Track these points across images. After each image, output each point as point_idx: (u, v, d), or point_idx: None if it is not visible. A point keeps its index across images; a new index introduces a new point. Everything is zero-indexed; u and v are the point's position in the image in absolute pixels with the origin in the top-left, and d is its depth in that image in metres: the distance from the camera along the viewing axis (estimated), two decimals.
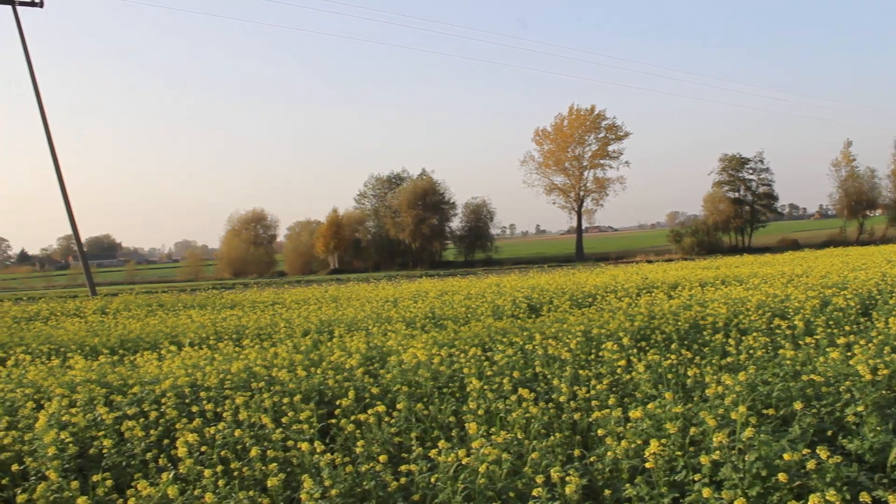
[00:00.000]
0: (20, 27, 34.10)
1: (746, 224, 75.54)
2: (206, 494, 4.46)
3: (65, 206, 34.42)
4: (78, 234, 36.15)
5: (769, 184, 75.91)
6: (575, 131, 77.65)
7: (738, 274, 18.85)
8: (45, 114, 34.18)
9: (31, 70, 34.17)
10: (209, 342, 10.18)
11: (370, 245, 79.89)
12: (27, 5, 34.56)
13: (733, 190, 76.07)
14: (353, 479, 4.83)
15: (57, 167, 34.10)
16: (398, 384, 6.93)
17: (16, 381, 7.45)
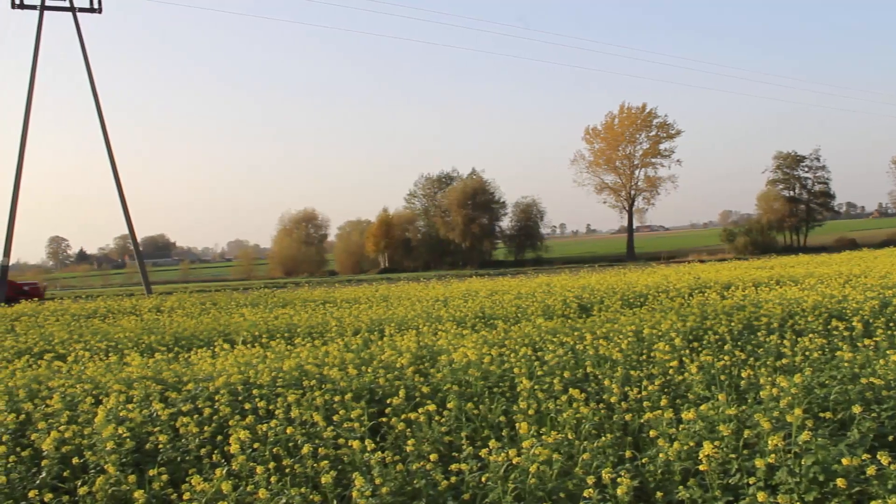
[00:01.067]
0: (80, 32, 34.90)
1: (802, 223, 74.20)
2: (260, 490, 4.51)
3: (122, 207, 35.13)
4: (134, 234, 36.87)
5: (825, 182, 74.50)
6: (626, 130, 76.99)
7: (793, 274, 18.52)
8: (103, 116, 34.95)
9: (90, 74, 34.94)
10: (261, 340, 10.30)
11: (420, 244, 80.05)
12: (86, 11, 35.35)
13: (788, 188, 74.78)
14: (403, 478, 4.85)
15: (114, 169, 34.81)
16: (448, 383, 6.94)
17: (75, 378, 7.61)
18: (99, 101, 35.00)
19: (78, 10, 35.00)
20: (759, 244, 69.85)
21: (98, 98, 35.01)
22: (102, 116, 34.97)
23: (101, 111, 34.96)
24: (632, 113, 76.82)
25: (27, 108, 33.47)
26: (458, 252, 78.02)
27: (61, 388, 7.14)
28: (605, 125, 78.71)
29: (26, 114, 33.41)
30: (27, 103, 33.48)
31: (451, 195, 78.25)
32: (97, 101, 35.03)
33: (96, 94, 34.96)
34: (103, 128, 34.91)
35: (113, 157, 34.92)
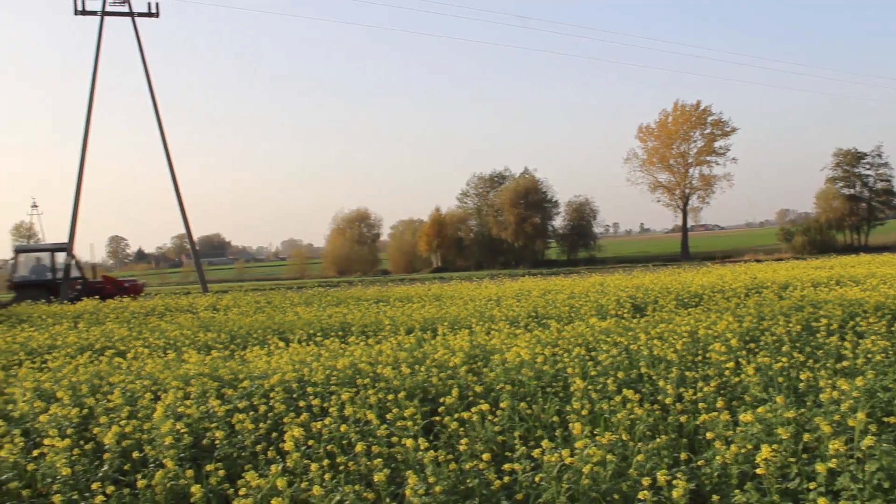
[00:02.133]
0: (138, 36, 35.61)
1: (863, 222, 72.41)
2: (314, 487, 4.55)
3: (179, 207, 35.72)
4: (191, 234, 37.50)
5: (888, 179, 72.58)
6: (680, 127, 75.95)
7: (853, 274, 18.09)
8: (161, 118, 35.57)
9: (148, 77, 35.69)
10: (315, 338, 10.38)
11: (472, 244, 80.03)
12: (144, 15, 36.06)
13: (848, 186, 73.01)
14: (456, 477, 4.86)
15: (171, 169, 35.45)
16: (501, 383, 6.93)
17: (135, 374, 7.77)
18: (157, 102, 35.70)
19: (136, 15, 35.72)
20: (818, 243, 68.31)
21: (156, 100, 35.71)
22: (160, 118, 35.65)
23: (159, 113, 35.65)
24: (686, 110, 75.78)
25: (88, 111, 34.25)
26: (511, 251, 77.82)
27: (122, 383, 7.29)
28: (659, 123, 77.76)
29: (87, 116, 34.19)
30: (88, 106, 34.26)
31: (504, 194, 78.07)
32: (155, 102, 35.73)
33: (154, 96, 35.67)
34: (161, 129, 35.57)
35: (170, 157, 35.58)
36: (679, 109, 76.18)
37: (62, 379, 7.58)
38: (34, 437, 5.95)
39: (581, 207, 79.80)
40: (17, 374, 8.15)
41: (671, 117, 76.61)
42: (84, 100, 34.45)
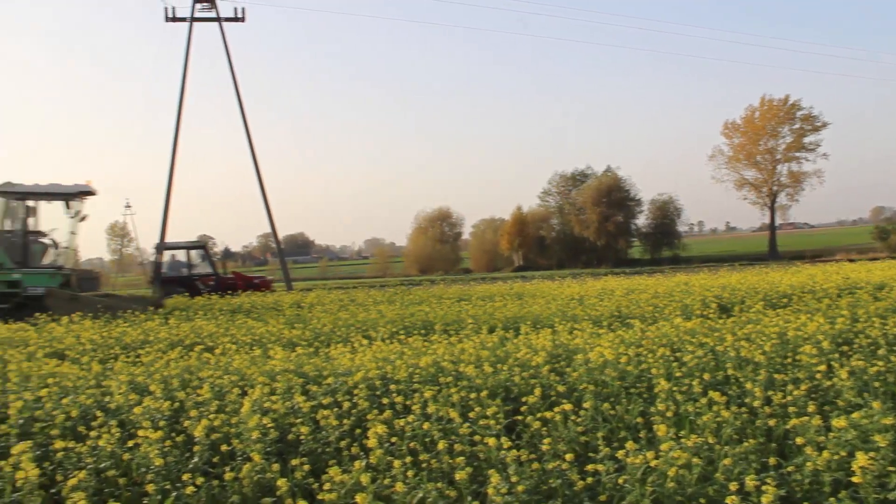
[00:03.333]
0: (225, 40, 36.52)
1: None
2: (397, 484, 4.59)
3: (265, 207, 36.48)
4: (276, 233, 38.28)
5: None
6: (767, 123, 74.00)
7: None
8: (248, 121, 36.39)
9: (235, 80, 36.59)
10: (398, 336, 10.46)
11: (554, 242, 79.65)
12: (231, 20, 36.99)
13: None
14: (538, 477, 4.83)
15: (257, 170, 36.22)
16: (584, 383, 6.87)
17: (223, 369, 7.96)
18: (243, 104, 36.53)
19: (223, 20, 36.66)
20: None
21: (242, 102, 36.55)
22: (246, 119, 36.47)
23: (245, 114, 36.47)
24: (773, 105, 73.85)
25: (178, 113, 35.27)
26: (593, 250, 77.16)
27: (210, 378, 7.48)
28: (745, 119, 75.95)
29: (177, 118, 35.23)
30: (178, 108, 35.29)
31: (586, 192, 77.47)
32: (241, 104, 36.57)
33: (240, 98, 36.51)
34: (247, 130, 36.39)
35: (256, 158, 36.34)
36: (766, 104, 74.33)
37: (154, 373, 7.82)
38: (129, 429, 6.13)
39: (665, 206, 78.59)
40: (113, 367, 8.43)
41: (758, 112, 74.78)
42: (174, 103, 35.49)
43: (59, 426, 6.17)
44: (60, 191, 19.09)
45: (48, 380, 7.56)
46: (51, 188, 19.25)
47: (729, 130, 77.21)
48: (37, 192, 19.17)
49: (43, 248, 19.24)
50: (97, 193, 19.44)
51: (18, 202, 18.99)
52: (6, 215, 19.07)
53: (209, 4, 36.63)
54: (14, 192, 18.84)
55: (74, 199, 18.95)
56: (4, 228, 18.91)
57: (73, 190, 19.03)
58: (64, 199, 18.96)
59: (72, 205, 18.96)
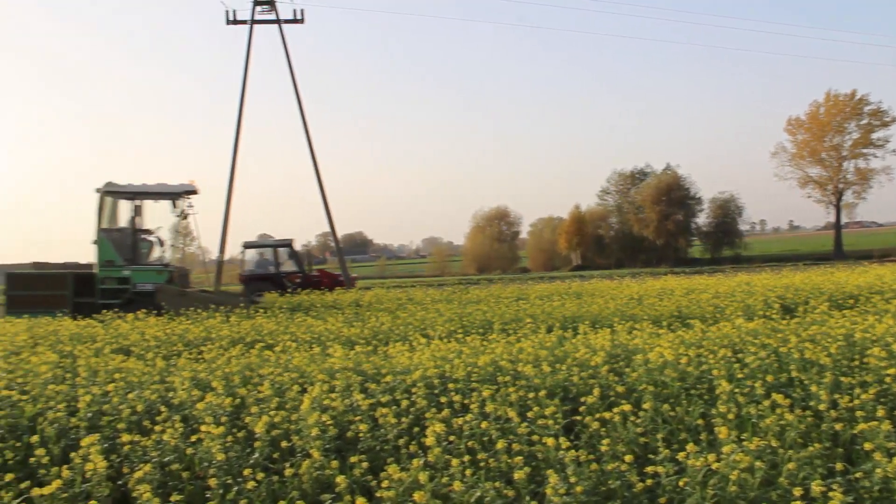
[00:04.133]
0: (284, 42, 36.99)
1: None
2: (455, 482, 4.60)
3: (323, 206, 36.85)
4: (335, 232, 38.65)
5: None
6: (832, 119, 72.17)
7: None
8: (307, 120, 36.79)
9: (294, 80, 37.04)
10: (456, 335, 10.46)
11: (613, 241, 79.06)
12: (290, 22, 37.47)
13: None
14: (597, 477, 4.80)
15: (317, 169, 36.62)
16: (644, 383, 6.79)
17: (283, 366, 8.05)
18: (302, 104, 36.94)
19: (283, 22, 37.15)
20: None
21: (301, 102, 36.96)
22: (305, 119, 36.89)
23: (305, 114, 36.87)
24: (839, 101, 72.03)
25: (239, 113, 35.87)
26: (652, 249, 76.32)
27: (271, 375, 7.57)
28: (810, 115, 74.18)
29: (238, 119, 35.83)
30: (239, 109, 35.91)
31: (645, 191, 76.67)
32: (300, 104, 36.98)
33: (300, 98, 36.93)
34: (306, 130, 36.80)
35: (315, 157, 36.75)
36: (832, 99, 72.53)
37: (216, 370, 7.95)
38: (192, 424, 6.24)
39: (726, 204, 77.38)
40: (177, 363, 8.60)
41: (823, 108, 73.03)
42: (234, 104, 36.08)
43: (126, 420, 6.32)
44: (167, 190, 19.77)
45: (115, 375, 7.77)
46: (158, 188, 19.96)
47: (793, 127, 75.55)
48: (145, 191, 19.85)
49: (150, 245, 20.02)
50: (199, 193, 20.07)
51: (127, 201, 19.70)
52: (116, 214, 19.86)
53: (269, 7, 37.17)
54: (123, 192, 19.56)
55: (180, 199, 19.54)
56: (113, 227, 19.66)
57: (179, 189, 19.65)
58: (170, 198, 19.61)
59: (177, 204, 19.56)
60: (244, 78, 36.41)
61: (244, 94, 36.28)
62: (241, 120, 35.88)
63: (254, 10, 37.09)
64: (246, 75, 36.49)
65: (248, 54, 36.48)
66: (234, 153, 35.54)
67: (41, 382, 7.41)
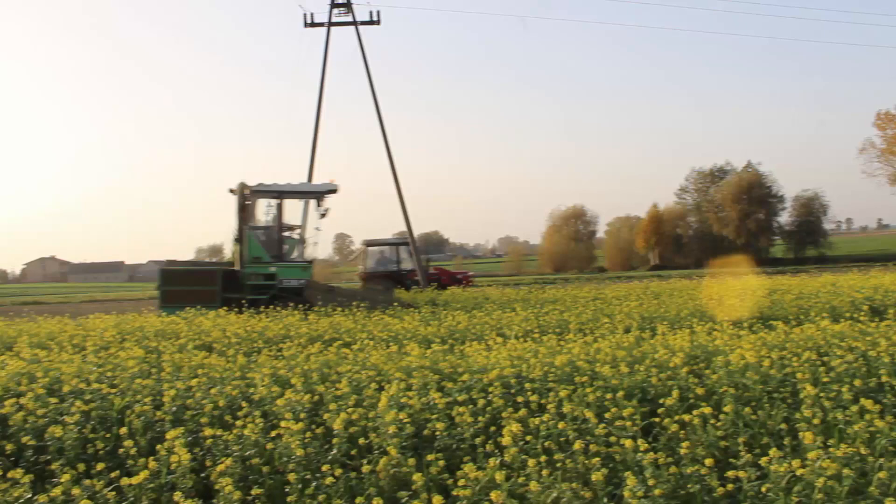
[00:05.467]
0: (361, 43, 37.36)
1: None
2: (531, 483, 4.58)
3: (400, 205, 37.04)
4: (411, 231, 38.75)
5: None
6: None
7: None
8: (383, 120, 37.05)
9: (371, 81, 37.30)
10: (533, 335, 10.41)
11: (691, 241, 77.86)
12: (367, 24, 37.85)
13: None
14: (676, 481, 4.73)
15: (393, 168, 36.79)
16: (724, 385, 6.65)
17: (361, 364, 8.14)
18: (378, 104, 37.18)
19: (359, 24, 37.53)
20: None
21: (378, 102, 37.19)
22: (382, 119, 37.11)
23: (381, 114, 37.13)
24: None
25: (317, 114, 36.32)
26: (733, 249, 74.61)
27: (348, 373, 7.65)
28: None
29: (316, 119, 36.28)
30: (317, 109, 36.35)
31: (725, 189, 75.29)
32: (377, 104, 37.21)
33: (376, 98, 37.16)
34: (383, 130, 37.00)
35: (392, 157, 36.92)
36: None
37: (295, 367, 8.06)
38: (272, 419, 6.36)
39: (809, 202, 75.44)
40: (257, 360, 8.76)
41: None
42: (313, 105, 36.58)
43: (208, 415, 6.48)
44: (311, 189, 20.69)
45: (198, 370, 7.96)
46: (302, 187, 21.04)
47: (882, 121, 72.88)
48: (290, 190, 20.62)
49: (293, 243, 20.60)
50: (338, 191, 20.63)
51: (274, 200, 20.43)
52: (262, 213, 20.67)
53: (345, 9, 37.59)
54: (270, 192, 20.29)
55: (323, 197, 20.12)
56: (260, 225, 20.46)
57: (323, 189, 20.36)
58: (315, 197, 20.22)
59: (321, 202, 20.12)
60: (322, 79, 36.88)
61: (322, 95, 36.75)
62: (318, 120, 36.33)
63: (331, 13, 37.55)
64: (323, 77, 36.94)
65: (325, 56, 36.95)
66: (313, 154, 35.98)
67: (128, 376, 7.65)
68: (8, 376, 7.78)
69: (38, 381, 7.42)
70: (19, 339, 11.48)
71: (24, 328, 13.51)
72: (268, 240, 20.16)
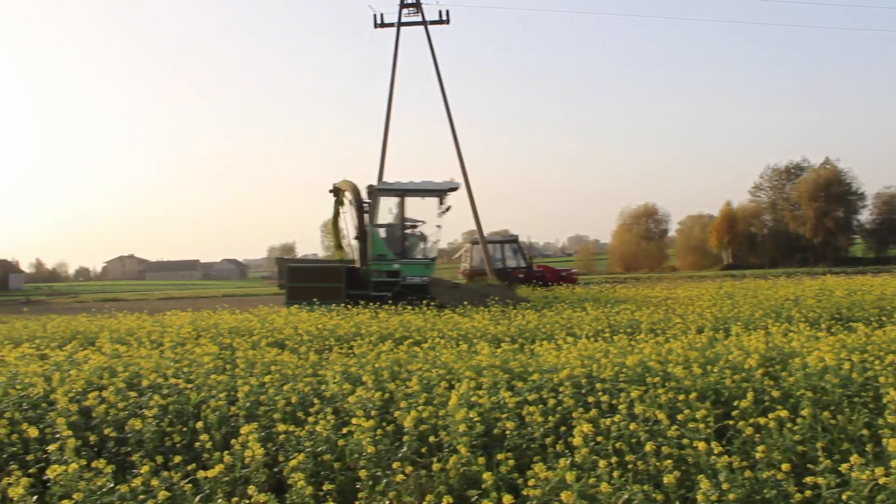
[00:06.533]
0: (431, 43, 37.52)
1: None
2: (602, 484, 4.54)
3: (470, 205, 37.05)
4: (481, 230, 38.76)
5: None
6: None
7: None
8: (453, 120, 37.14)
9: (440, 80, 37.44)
10: (603, 335, 10.32)
11: (766, 239, 76.09)
12: (436, 23, 38.01)
13: None
14: (751, 485, 4.63)
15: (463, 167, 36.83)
16: (802, 389, 6.49)
17: (431, 363, 8.17)
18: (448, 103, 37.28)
19: (429, 24, 37.70)
20: None
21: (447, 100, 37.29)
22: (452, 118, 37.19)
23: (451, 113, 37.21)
24: None
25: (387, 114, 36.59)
26: (809, 248, 73.04)
27: (419, 371, 7.70)
28: None
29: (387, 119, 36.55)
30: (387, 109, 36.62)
31: (802, 187, 73.42)
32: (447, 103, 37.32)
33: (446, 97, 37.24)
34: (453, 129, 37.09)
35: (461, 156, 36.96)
36: None
37: (366, 364, 8.14)
38: (343, 416, 6.43)
39: (892, 199, 73.20)
40: (328, 358, 8.87)
41: None
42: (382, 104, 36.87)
43: (281, 411, 6.58)
44: (434, 187, 20.71)
45: (271, 367, 8.11)
46: (425, 185, 20.97)
47: None
48: (413, 188, 20.87)
49: (416, 240, 20.97)
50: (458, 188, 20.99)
51: (397, 198, 20.83)
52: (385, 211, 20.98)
53: (415, 9, 37.81)
54: (394, 190, 20.74)
55: (445, 195, 20.45)
56: (385, 223, 20.83)
57: (444, 187, 20.58)
58: (437, 195, 20.48)
59: (443, 200, 20.45)
60: (391, 79, 37.14)
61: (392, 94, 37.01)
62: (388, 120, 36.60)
63: (400, 13, 37.81)
64: (393, 77, 37.18)
65: (395, 56, 37.21)
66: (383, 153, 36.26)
67: (204, 372, 7.83)
68: (91, 370, 8.05)
69: (118, 375, 7.65)
70: (101, 335, 11.88)
71: (105, 324, 13.95)
72: (391, 237, 20.49)
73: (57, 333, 12.97)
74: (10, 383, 7.46)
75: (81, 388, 7.34)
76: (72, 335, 12.64)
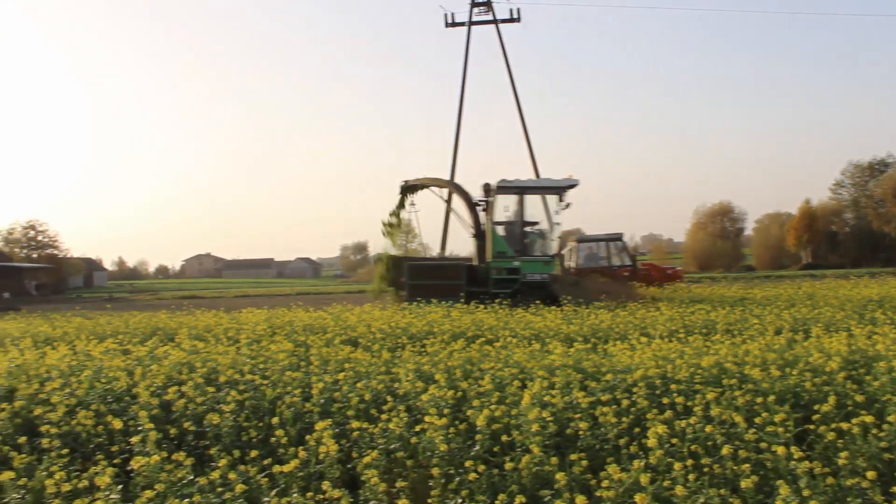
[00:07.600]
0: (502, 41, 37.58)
1: None
2: (677, 487, 4.47)
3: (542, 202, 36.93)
4: None
5: None
6: None
7: None
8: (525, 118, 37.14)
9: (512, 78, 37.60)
10: (678, 335, 10.16)
11: (848, 238, 73.87)
12: (507, 22, 38.04)
13: None
14: (833, 493, 4.51)
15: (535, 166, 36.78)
16: (888, 393, 6.29)
17: (503, 362, 8.16)
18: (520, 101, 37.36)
19: (500, 22, 37.76)
20: None
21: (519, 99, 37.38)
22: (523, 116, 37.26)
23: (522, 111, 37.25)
24: None
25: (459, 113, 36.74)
26: (894, 247, 70.58)
27: (491, 370, 7.69)
28: None
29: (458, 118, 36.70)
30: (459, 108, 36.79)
31: (886, 184, 70.96)
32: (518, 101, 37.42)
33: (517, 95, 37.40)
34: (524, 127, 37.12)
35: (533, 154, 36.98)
36: None
37: (439, 363, 8.17)
38: (416, 414, 6.47)
39: None
40: (401, 356, 8.93)
41: None
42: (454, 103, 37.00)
43: (354, 408, 6.66)
44: (553, 184, 20.78)
45: (344, 365, 8.21)
46: (543, 182, 21.32)
47: None
48: (532, 186, 21.13)
49: (536, 237, 21.08)
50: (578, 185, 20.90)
51: (517, 196, 20.85)
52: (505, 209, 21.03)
53: (486, 8, 37.88)
54: (514, 188, 20.72)
55: (565, 192, 20.46)
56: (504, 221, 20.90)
57: (563, 184, 20.56)
58: (556, 192, 20.52)
59: (563, 197, 20.45)
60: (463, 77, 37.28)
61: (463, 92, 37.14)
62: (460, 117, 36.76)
63: (471, 12, 37.93)
64: (465, 76, 37.38)
65: (466, 55, 37.37)
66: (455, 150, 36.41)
67: (279, 369, 7.97)
68: (171, 366, 8.28)
69: (197, 370, 7.86)
70: (180, 331, 12.18)
71: (183, 321, 14.32)
72: (510, 235, 20.50)
73: (138, 329, 13.39)
74: (96, 377, 7.73)
75: (162, 383, 7.57)
76: (152, 331, 13.03)
